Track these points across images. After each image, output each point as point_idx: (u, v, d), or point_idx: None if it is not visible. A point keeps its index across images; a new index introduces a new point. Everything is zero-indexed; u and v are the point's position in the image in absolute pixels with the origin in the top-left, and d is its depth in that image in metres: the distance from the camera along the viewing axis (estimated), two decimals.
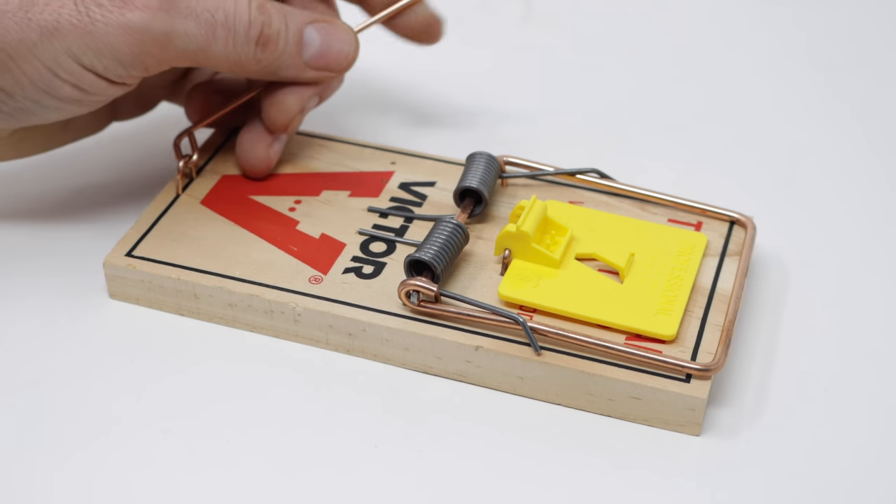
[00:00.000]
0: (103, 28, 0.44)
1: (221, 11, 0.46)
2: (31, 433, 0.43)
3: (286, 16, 0.48)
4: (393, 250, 0.48)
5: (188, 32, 0.45)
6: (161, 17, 0.44)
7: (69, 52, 0.44)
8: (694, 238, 0.48)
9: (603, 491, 0.41)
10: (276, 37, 0.47)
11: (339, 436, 0.43)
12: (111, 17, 0.44)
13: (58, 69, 0.44)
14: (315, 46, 0.49)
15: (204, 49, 0.46)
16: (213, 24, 0.45)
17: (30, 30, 0.43)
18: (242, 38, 0.46)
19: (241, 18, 0.46)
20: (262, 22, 0.47)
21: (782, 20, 0.69)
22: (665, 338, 0.44)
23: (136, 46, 0.44)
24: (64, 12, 0.43)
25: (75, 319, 0.47)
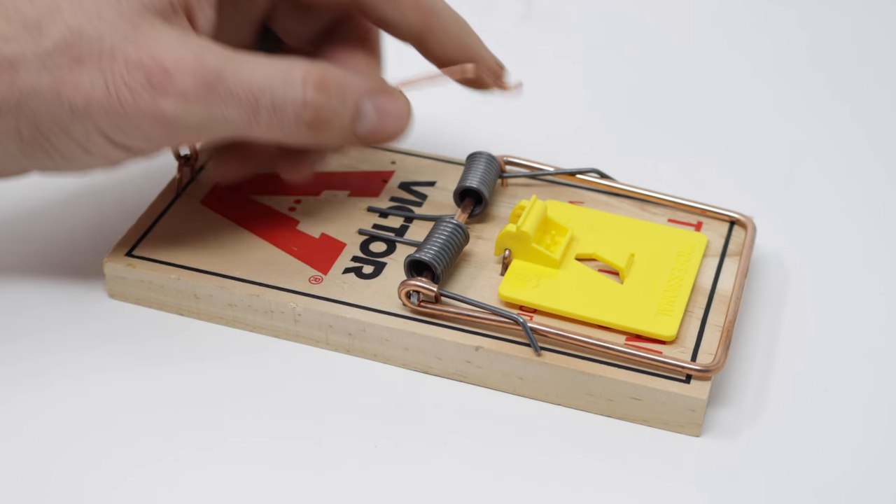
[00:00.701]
0: (134, 114, 0.41)
1: (268, 94, 0.42)
2: (31, 433, 0.43)
3: (344, 89, 0.44)
4: (393, 250, 0.48)
5: (227, 118, 0.42)
6: (197, 106, 0.41)
7: (100, 130, 0.42)
8: (694, 238, 0.48)
9: (603, 491, 0.41)
10: (330, 118, 0.44)
11: (339, 436, 0.43)
12: (143, 103, 0.41)
13: (89, 145, 0.42)
14: (371, 123, 0.45)
15: (244, 132, 0.43)
16: (258, 108, 0.42)
17: (60, 108, 0.41)
18: (291, 121, 0.43)
19: (293, 100, 0.43)
20: (317, 105, 0.43)
21: (783, 20, 0.68)
22: (665, 338, 0.44)
23: (168, 132, 0.42)
24: (95, 94, 0.41)
25: (75, 319, 0.47)
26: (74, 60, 0.41)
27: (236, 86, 0.42)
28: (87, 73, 0.41)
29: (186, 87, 0.41)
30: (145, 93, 0.41)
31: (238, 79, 0.42)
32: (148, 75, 0.41)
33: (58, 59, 0.41)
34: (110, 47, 0.41)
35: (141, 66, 0.41)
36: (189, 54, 0.41)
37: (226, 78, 0.42)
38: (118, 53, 0.41)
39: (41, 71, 0.41)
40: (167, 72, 0.41)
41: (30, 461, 0.42)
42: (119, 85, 0.41)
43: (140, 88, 0.41)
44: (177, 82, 0.41)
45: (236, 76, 0.42)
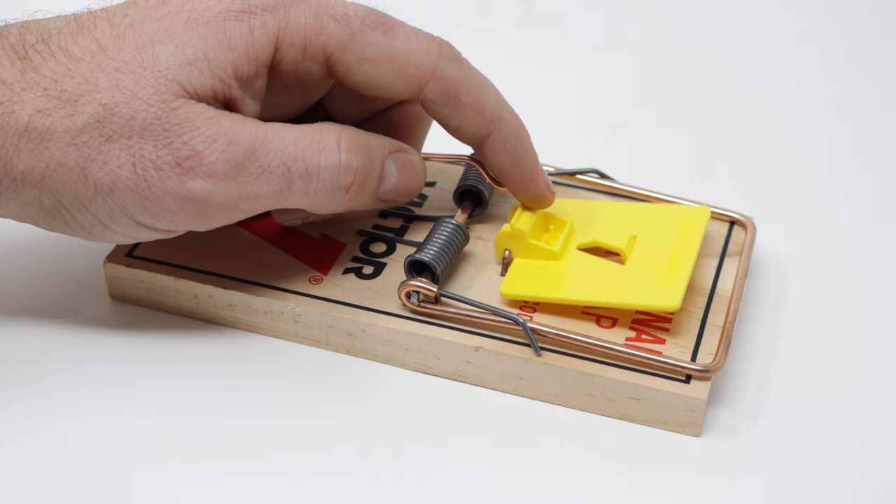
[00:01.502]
0: (161, 195, 0.40)
1: (301, 163, 0.41)
2: (31, 433, 0.43)
3: (372, 150, 0.43)
4: (393, 250, 0.48)
5: (259, 194, 0.41)
6: (227, 185, 0.40)
7: (125, 210, 0.41)
8: (696, 212, 0.48)
9: (603, 491, 0.41)
10: (366, 181, 0.43)
11: (339, 436, 0.43)
12: (170, 184, 0.40)
13: (111, 224, 0.42)
14: (392, 181, 0.45)
15: (277, 203, 0.42)
16: (291, 179, 0.41)
17: (85, 187, 0.40)
18: (329, 188, 0.42)
19: (329, 165, 0.42)
20: (354, 169, 0.42)
21: (783, 20, 0.68)
22: (669, 309, 0.43)
23: (197, 215, 0.41)
24: (121, 174, 0.40)
25: (76, 320, 0.47)
26: (104, 139, 0.40)
27: (268, 159, 0.41)
28: (116, 152, 0.40)
29: (215, 168, 0.40)
30: (173, 174, 0.40)
31: (269, 151, 0.41)
32: (176, 156, 0.40)
33: (88, 137, 0.40)
34: (141, 127, 0.40)
35: (170, 147, 0.40)
36: (219, 133, 0.41)
37: (257, 153, 0.41)
38: (148, 134, 0.40)
39: (69, 147, 0.40)
40: (196, 153, 0.40)
41: (30, 461, 0.42)
42: (146, 166, 0.40)
43: (168, 169, 0.40)
44: (206, 163, 0.40)
45: (268, 149, 0.41)
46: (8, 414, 0.44)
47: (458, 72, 0.44)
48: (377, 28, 0.43)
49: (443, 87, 0.44)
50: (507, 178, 0.46)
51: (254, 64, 0.42)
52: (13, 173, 0.41)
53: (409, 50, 0.43)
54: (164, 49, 0.41)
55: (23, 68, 0.41)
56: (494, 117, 0.45)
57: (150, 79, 0.40)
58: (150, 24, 0.42)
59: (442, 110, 0.44)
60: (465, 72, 0.44)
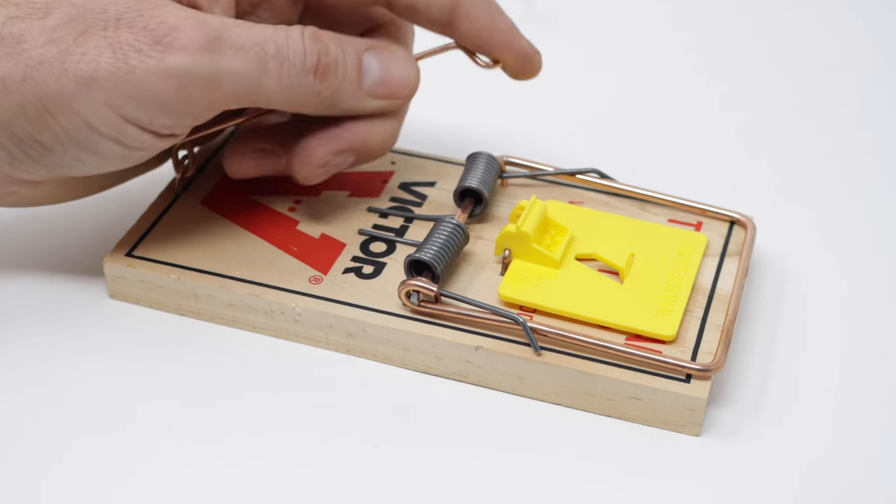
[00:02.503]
0: (143, 75, 0.41)
1: (272, 43, 0.43)
2: (31, 433, 0.43)
3: (342, 44, 0.45)
4: (393, 250, 0.48)
5: (236, 71, 0.42)
6: (205, 58, 0.41)
7: (109, 103, 0.41)
8: (694, 238, 0.48)
9: (602, 491, 0.41)
10: (334, 65, 0.44)
11: (339, 436, 0.43)
12: (151, 62, 0.41)
13: (97, 123, 0.42)
14: (375, 73, 0.46)
15: (256, 87, 0.43)
16: (264, 57, 0.43)
17: (66, 80, 0.41)
18: (298, 70, 0.43)
19: (295, 48, 0.43)
20: (318, 50, 0.44)
21: (782, 20, 0.69)
22: (665, 338, 0.44)
23: (181, 93, 0.42)
24: (101, 60, 0.41)
25: (75, 320, 0.47)
26: (79, 33, 0.41)
27: (240, 39, 0.42)
28: (93, 42, 0.41)
29: (192, 40, 0.41)
30: (153, 52, 0.41)
31: (241, 33, 0.42)
32: (154, 35, 0.41)
33: (63, 33, 0.41)
34: (115, 17, 0.41)
35: (146, 29, 0.41)
36: (191, 14, 0.42)
37: (229, 34, 0.42)
38: (122, 21, 0.41)
39: (47, 45, 0.41)
40: (172, 28, 0.41)
41: (30, 461, 0.42)
42: (126, 49, 0.41)
43: (147, 49, 0.41)
44: (183, 37, 0.41)
45: (238, 32, 0.42)
46: (8, 413, 0.44)
47: None
48: None
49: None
50: (487, 42, 0.48)
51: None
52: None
53: None
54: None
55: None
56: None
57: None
58: None
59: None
60: None
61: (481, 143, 0.56)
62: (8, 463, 0.42)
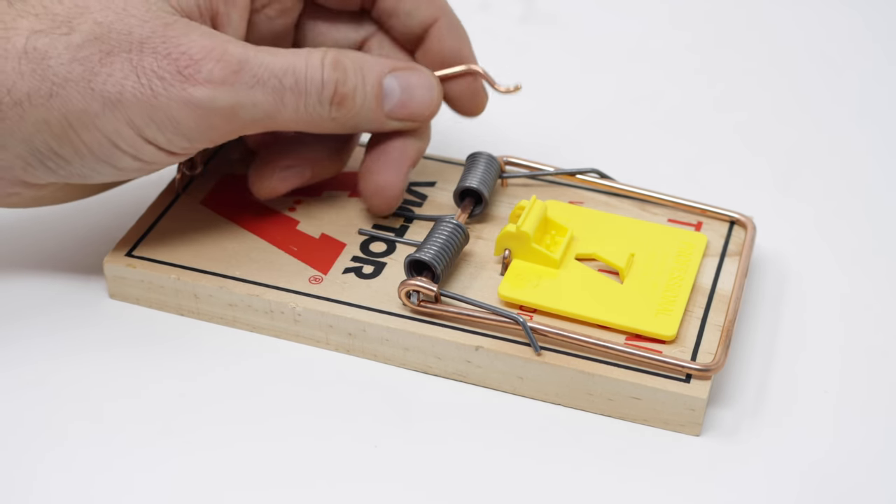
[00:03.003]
0: (166, 102, 0.42)
1: (291, 75, 0.44)
2: (31, 433, 0.43)
3: (362, 68, 0.45)
4: (393, 250, 0.48)
5: (255, 103, 0.43)
6: (225, 91, 0.42)
7: (131, 123, 0.42)
8: (694, 238, 0.48)
9: (603, 491, 0.41)
10: (352, 93, 0.45)
11: (339, 436, 0.43)
12: (174, 91, 0.42)
13: (118, 140, 0.43)
14: (396, 97, 0.46)
15: (273, 116, 0.44)
16: (282, 90, 0.44)
17: (92, 100, 0.42)
18: (315, 100, 0.44)
19: (313, 79, 0.44)
20: (335, 80, 0.44)
21: (782, 19, 0.69)
22: (665, 338, 0.44)
23: (201, 121, 0.43)
24: (127, 84, 0.42)
25: (75, 320, 0.47)
26: (105, 53, 0.42)
27: (260, 70, 0.43)
28: (119, 64, 0.42)
29: (214, 73, 0.42)
30: (175, 81, 0.42)
31: (261, 64, 0.43)
32: (177, 65, 0.42)
33: (88, 52, 0.42)
34: (139, 40, 0.42)
35: (169, 57, 0.42)
36: (214, 45, 0.43)
37: (250, 64, 0.43)
38: (146, 46, 0.42)
39: (72, 63, 0.42)
40: (194, 60, 0.42)
41: (30, 461, 0.42)
42: (150, 76, 0.42)
43: (170, 77, 0.42)
44: (204, 69, 0.42)
45: (259, 62, 0.43)
46: (8, 413, 0.44)
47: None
48: None
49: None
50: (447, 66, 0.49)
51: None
52: (17, 96, 0.42)
53: None
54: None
55: (10, 2, 0.42)
56: (441, 5, 0.48)
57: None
58: None
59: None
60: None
61: (481, 143, 0.56)
62: (7, 462, 0.42)
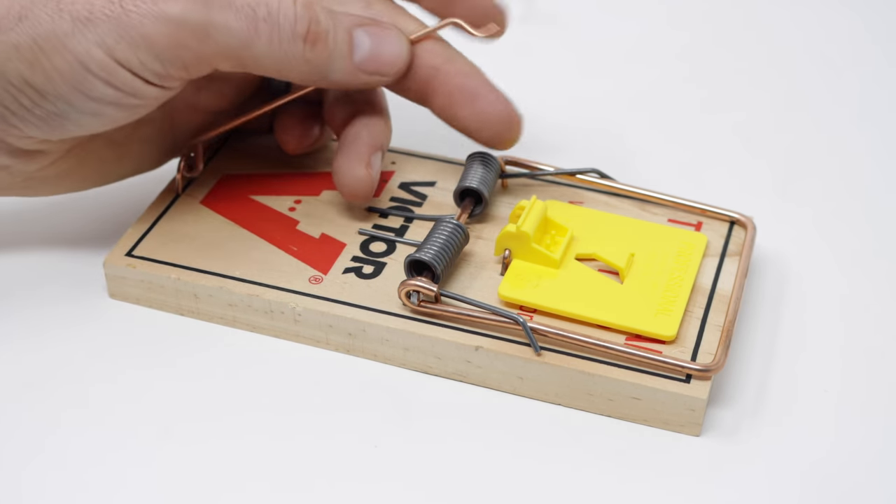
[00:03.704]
0: (138, 19, 0.42)
1: (263, 6, 0.44)
2: (31, 433, 0.43)
3: (334, 16, 0.46)
4: (393, 250, 0.48)
5: (228, 26, 0.43)
6: (198, 7, 0.43)
7: (102, 43, 0.42)
8: (694, 238, 0.48)
9: (603, 491, 0.41)
10: (324, 35, 0.45)
11: (339, 436, 0.43)
12: (145, 7, 0.42)
13: (89, 62, 0.42)
14: (366, 49, 0.46)
15: (246, 45, 0.44)
16: (255, 18, 0.44)
17: (62, 20, 0.42)
18: (288, 35, 0.44)
19: (286, 14, 0.44)
20: (308, 18, 0.45)
21: (781, 20, 0.69)
22: (665, 338, 0.44)
23: (172, 38, 0.43)
24: (97, 3, 0.42)
25: (75, 319, 0.47)
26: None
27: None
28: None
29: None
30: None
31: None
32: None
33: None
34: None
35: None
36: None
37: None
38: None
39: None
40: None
41: (30, 461, 0.42)
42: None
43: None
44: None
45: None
46: (7, 413, 0.44)
47: None
48: None
49: None
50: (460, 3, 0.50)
51: None
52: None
53: None
54: None
55: None
56: None
57: None
58: None
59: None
60: None
61: None
62: (8, 462, 0.42)
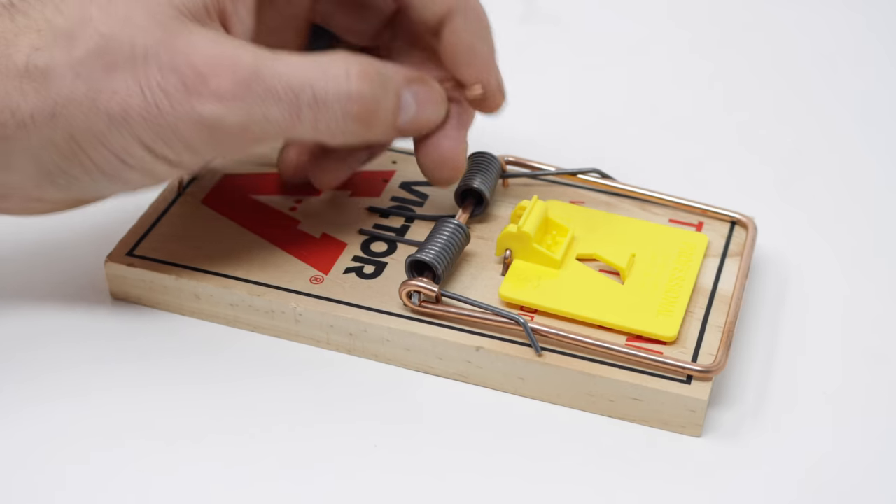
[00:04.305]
0: (173, 120, 0.40)
1: (308, 91, 0.40)
2: (32, 433, 0.43)
3: (386, 79, 0.42)
4: (394, 250, 0.48)
5: (268, 118, 0.40)
6: (236, 106, 0.40)
7: (139, 140, 0.40)
8: (695, 238, 0.48)
9: (603, 492, 0.41)
10: (376, 109, 0.42)
11: (339, 436, 0.43)
12: (181, 108, 0.40)
13: (127, 157, 0.41)
14: (410, 114, 0.44)
15: (288, 131, 0.41)
16: (298, 105, 0.40)
17: (98, 119, 0.40)
18: (338, 115, 0.41)
19: (338, 93, 0.41)
20: (363, 95, 0.41)
21: (783, 19, 0.68)
22: (666, 339, 0.44)
23: (209, 137, 0.41)
24: (132, 101, 0.40)
25: (76, 319, 0.47)
26: (108, 67, 0.40)
27: (274, 82, 0.40)
28: (122, 79, 0.40)
29: (222, 88, 0.40)
30: (181, 97, 0.40)
31: (275, 75, 0.40)
32: (183, 79, 0.40)
33: (91, 67, 0.40)
34: (143, 52, 0.40)
35: (175, 70, 0.40)
36: (222, 55, 0.40)
37: (262, 75, 0.40)
38: (151, 58, 0.40)
39: (75, 80, 0.40)
40: (201, 74, 0.40)
41: (31, 462, 0.42)
42: (154, 90, 0.40)
43: (176, 92, 0.40)
44: (212, 84, 0.40)
45: (273, 73, 0.40)
46: (8, 413, 0.44)
47: None
48: None
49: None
50: (461, 63, 0.45)
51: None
52: (21, 117, 0.40)
53: None
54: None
55: (12, 16, 0.41)
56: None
57: (143, 4, 0.40)
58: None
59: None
60: None
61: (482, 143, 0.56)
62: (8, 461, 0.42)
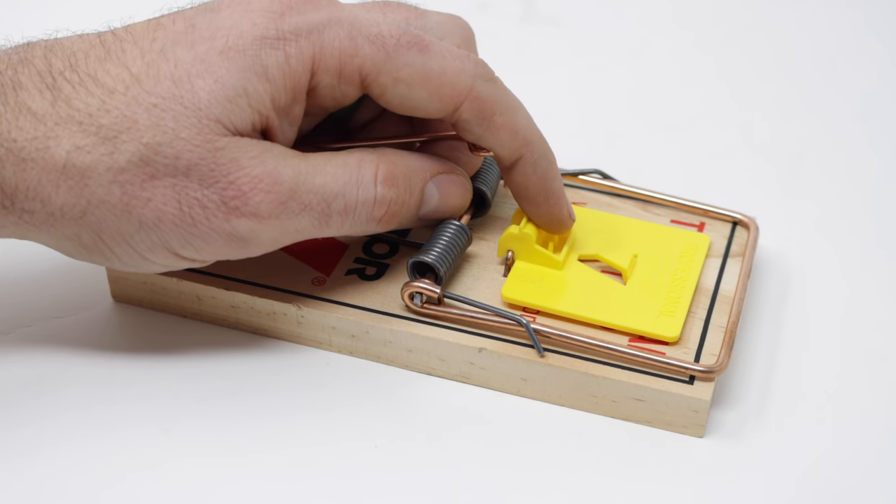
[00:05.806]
0: (206, 232, 0.40)
1: (340, 201, 0.42)
2: (32, 434, 0.43)
3: (410, 179, 0.44)
4: (396, 251, 0.48)
5: (298, 229, 0.42)
6: (271, 224, 0.41)
7: (166, 245, 0.41)
8: (696, 239, 0.48)
9: (606, 492, 0.41)
10: (400, 210, 0.43)
11: (341, 437, 0.43)
12: (216, 222, 0.40)
13: (151, 256, 0.41)
14: (433, 204, 0.45)
15: (312, 235, 0.43)
16: (328, 215, 0.42)
17: (128, 223, 0.40)
18: (363, 220, 0.43)
19: (365, 201, 0.42)
20: (389, 200, 0.43)
21: (784, 19, 0.69)
22: (668, 339, 0.44)
23: (237, 249, 0.42)
24: (167, 210, 0.40)
25: (78, 321, 0.47)
26: (148, 177, 0.40)
27: (310, 197, 0.41)
28: (161, 190, 0.40)
29: (261, 208, 0.41)
30: (219, 213, 0.40)
31: (312, 189, 0.42)
32: (223, 197, 0.40)
33: (131, 175, 0.40)
34: (186, 166, 0.40)
35: (216, 187, 0.40)
36: (264, 173, 0.41)
37: (300, 192, 0.41)
38: (193, 173, 0.40)
39: (112, 185, 0.40)
40: (243, 193, 0.40)
41: (31, 462, 0.42)
42: (192, 204, 0.40)
43: (214, 208, 0.40)
44: (252, 202, 0.40)
45: (310, 187, 0.41)
46: (9, 414, 0.44)
47: (493, 92, 0.43)
48: (412, 48, 0.42)
49: (478, 107, 0.43)
50: (532, 200, 0.46)
51: (290, 92, 0.41)
52: (51, 208, 0.40)
53: (445, 69, 0.42)
54: (202, 84, 0.40)
55: (53, 99, 0.40)
56: (527, 140, 0.44)
57: (192, 118, 0.40)
58: (182, 51, 0.41)
59: (476, 130, 0.44)
60: (499, 93, 0.44)
61: None
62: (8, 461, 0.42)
